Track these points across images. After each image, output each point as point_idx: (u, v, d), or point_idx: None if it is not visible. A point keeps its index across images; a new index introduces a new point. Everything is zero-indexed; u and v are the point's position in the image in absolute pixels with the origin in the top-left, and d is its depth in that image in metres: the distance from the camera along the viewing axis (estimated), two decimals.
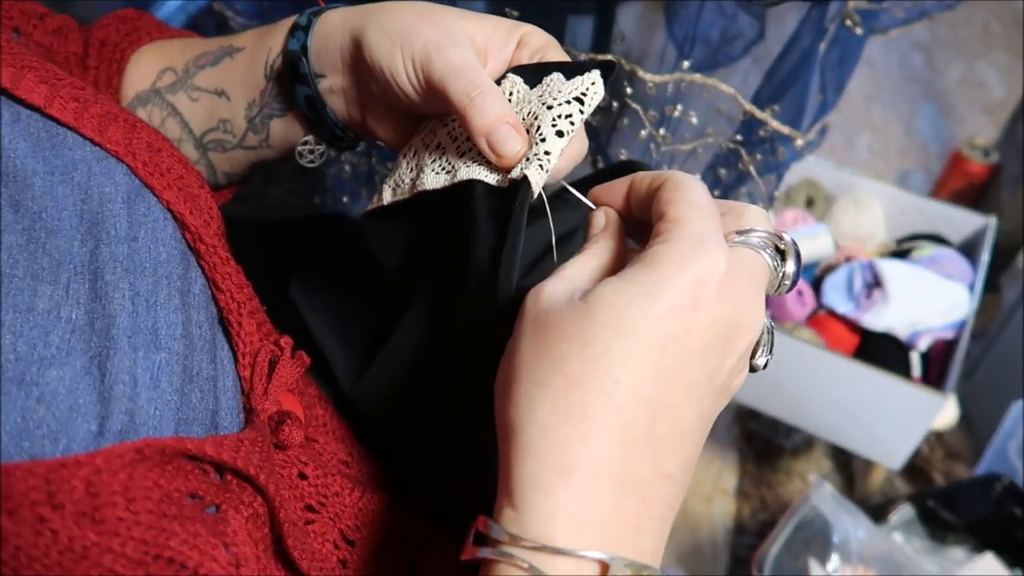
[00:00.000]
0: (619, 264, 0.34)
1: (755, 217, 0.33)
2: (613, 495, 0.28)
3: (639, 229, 0.36)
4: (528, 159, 0.37)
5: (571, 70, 0.39)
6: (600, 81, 0.38)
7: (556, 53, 0.42)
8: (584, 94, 0.38)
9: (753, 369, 0.34)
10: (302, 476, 0.37)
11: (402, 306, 0.46)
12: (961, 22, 2.20)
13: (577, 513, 0.28)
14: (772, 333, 0.35)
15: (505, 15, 0.72)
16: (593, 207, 0.37)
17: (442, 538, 0.44)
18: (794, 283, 0.34)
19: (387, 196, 0.44)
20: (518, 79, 0.41)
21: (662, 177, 0.33)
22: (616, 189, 0.36)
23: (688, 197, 0.31)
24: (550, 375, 0.29)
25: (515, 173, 0.37)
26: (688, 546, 1.23)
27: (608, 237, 0.35)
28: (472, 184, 0.38)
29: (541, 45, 0.41)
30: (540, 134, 0.37)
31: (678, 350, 0.29)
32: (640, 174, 0.35)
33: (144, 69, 0.47)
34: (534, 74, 0.41)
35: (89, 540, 0.24)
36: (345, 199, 0.85)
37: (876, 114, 1.94)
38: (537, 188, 0.36)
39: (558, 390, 0.28)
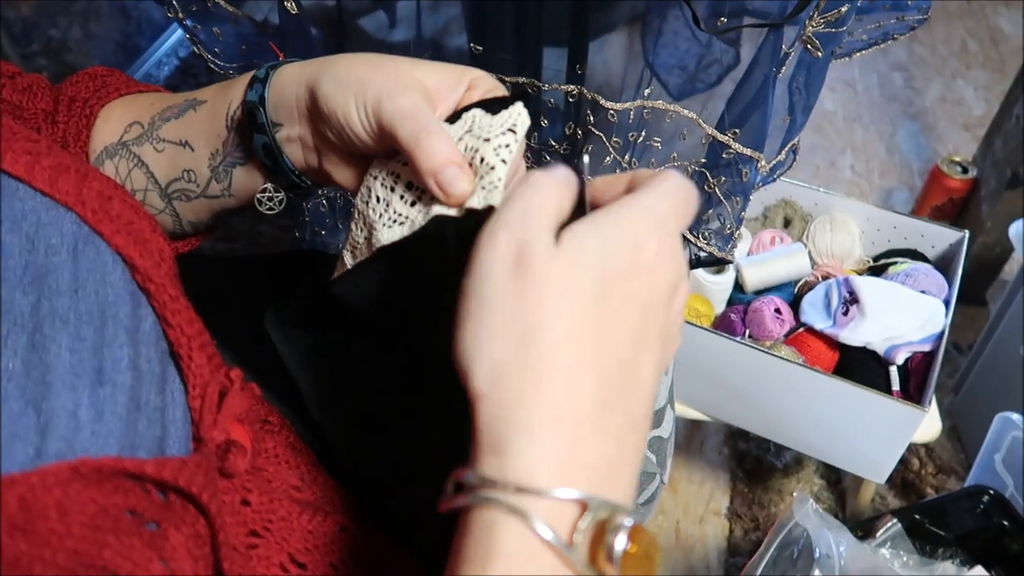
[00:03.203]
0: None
1: None
2: (595, 441, 0.30)
3: None
4: (484, 187, 0.39)
5: (491, 104, 0.42)
6: (524, 112, 0.41)
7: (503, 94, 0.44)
8: (515, 125, 0.41)
9: None
10: (245, 502, 0.38)
11: (374, 340, 0.47)
12: (939, 41, 2.24)
13: (562, 458, 0.29)
14: None
15: (470, 50, 0.74)
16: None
17: (405, 555, 0.45)
18: None
19: (348, 260, 0.46)
20: (478, 111, 0.43)
21: (656, 173, 0.36)
22: (620, 181, 0.38)
23: (658, 186, 0.34)
24: (540, 332, 0.30)
25: (476, 204, 0.39)
26: (682, 568, 1.23)
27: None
28: (436, 223, 0.40)
29: (490, 87, 0.44)
30: (488, 164, 0.40)
31: (641, 305, 0.31)
32: (642, 171, 0.38)
33: (112, 124, 0.50)
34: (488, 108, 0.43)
35: (20, 550, 0.25)
36: (323, 233, 0.87)
37: (858, 134, 1.97)
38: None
39: (548, 344, 0.30)
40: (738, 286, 1.14)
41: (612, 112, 0.72)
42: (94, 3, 1.77)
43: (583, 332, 0.30)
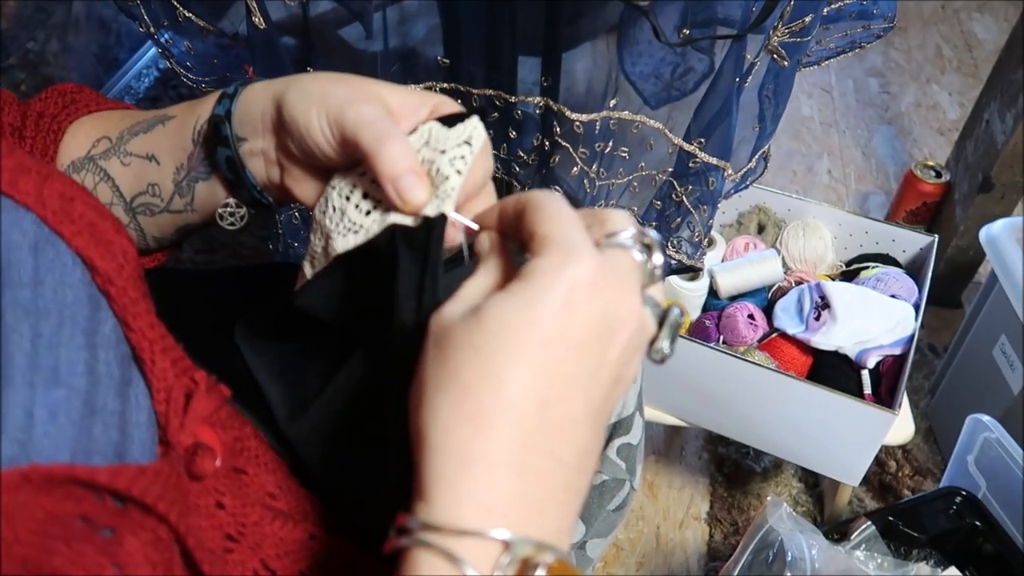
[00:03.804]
0: (507, 279, 0.37)
1: (620, 220, 0.37)
2: (513, 482, 0.31)
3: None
4: (438, 196, 0.40)
5: (448, 119, 0.43)
6: (481, 125, 0.42)
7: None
8: (471, 138, 0.42)
9: (654, 359, 0.37)
10: (219, 505, 0.38)
11: (341, 350, 0.48)
12: (914, 47, 2.26)
13: (480, 500, 0.31)
14: (675, 327, 0.38)
15: (437, 63, 0.75)
16: (475, 228, 0.41)
17: (376, 563, 0.45)
18: (665, 273, 0.37)
19: (307, 271, 0.47)
20: (435, 124, 0.44)
21: (523, 199, 0.37)
22: (490, 214, 0.40)
23: (551, 214, 0.35)
24: (448, 383, 0.32)
25: (430, 211, 0.40)
26: (663, 573, 1.23)
27: (495, 257, 0.38)
28: (389, 232, 0.41)
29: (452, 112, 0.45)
30: (443, 174, 0.41)
31: (558, 348, 0.32)
32: (505, 198, 0.39)
33: (80, 139, 0.50)
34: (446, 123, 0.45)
35: None
36: (296, 245, 0.87)
37: (834, 139, 1.99)
38: (453, 217, 0.40)
39: (456, 394, 0.32)
40: (712, 292, 1.15)
41: (578, 124, 0.73)
42: (72, 15, 1.77)
43: (486, 383, 0.32)
